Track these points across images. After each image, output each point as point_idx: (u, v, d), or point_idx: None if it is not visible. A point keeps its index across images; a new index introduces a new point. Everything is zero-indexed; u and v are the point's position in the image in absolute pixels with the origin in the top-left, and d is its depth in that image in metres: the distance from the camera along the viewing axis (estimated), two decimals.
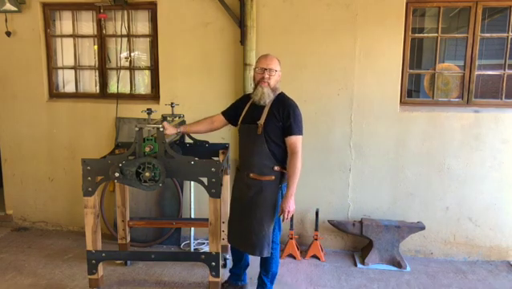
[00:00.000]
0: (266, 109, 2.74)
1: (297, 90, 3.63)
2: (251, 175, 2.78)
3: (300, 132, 2.71)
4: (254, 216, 2.76)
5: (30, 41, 4.08)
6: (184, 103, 3.83)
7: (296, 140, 2.69)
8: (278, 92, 2.80)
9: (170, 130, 2.88)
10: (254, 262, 3.66)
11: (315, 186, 3.87)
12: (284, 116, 2.70)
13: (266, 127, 2.71)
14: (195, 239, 3.94)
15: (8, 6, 3.92)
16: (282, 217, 2.75)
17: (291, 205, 2.70)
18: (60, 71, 4.30)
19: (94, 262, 2.97)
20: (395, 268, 3.62)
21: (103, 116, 4.09)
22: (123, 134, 4.03)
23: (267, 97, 2.73)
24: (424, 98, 4.16)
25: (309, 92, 3.76)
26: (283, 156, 2.77)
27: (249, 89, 3.73)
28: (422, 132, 3.74)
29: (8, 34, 4.02)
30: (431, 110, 3.75)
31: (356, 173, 3.84)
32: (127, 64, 4.16)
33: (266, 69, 2.73)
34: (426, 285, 3.39)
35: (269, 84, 2.74)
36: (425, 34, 4.71)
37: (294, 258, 3.77)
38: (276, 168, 2.75)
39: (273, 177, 2.75)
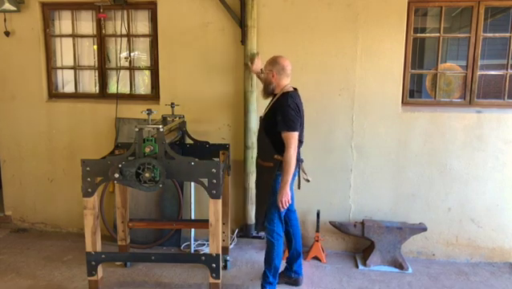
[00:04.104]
0: (269, 105, 3.02)
1: (298, 90, 3.62)
2: (258, 160, 3.13)
3: (289, 129, 2.84)
4: (257, 196, 3.24)
5: (30, 41, 4.05)
6: (185, 103, 3.80)
7: (286, 136, 2.85)
8: (280, 90, 2.99)
9: (258, 65, 3.43)
10: (256, 263, 3.65)
11: (316, 187, 3.83)
12: (277, 112, 2.89)
13: (266, 120, 3.00)
14: (195, 240, 3.91)
15: (7, 6, 3.89)
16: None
17: (284, 195, 2.88)
18: (59, 71, 4.28)
19: (93, 263, 2.95)
20: (396, 270, 3.60)
21: (102, 116, 4.06)
22: (123, 134, 4.01)
23: (262, 91, 3.12)
24: (426, 98, 4.12)
25: (310, 92, 3.73)
26: (283, 147, 2.89)
27: (250, 89, 3.74)
28: (424, 133, 3.71)
29: (7, 34, 3.99)
30: (433, 110, 3.72)
31: (358, 174, 3.82)
32: (126, 64, 4.14)
33: None
34: (428, 286, 3.37)
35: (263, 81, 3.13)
36: (427, 34, 4.70)
37: None
38: (276, 156, 2.93)
39: (271, 164, 2.96)
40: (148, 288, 3.25)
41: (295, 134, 2.86)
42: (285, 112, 2.85)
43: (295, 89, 3.04)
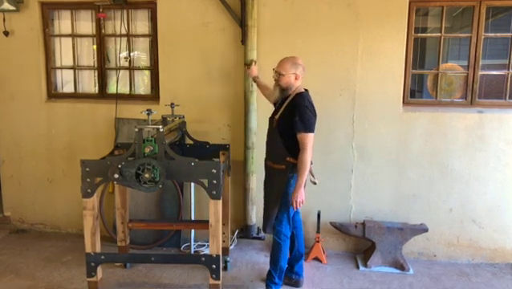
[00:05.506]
0: (284, 106, 2.96)
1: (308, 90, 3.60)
2: (268, 162, 3.10)
3: (306, 130, 2.83)
4: (265, 198, 3.17)
5: (29, 41, 4.03)
6: (185, 103, 3.78)
7: (302, 137, 2.84)
8: (293, 91, 2.96)
9: (255, 71, 3.45)
10: (256, 264, 3.63)
11: (317, 187, 3.78)
12: (293, 113, 2.87)
13: (281, 122, 2.95)
14: (195, 241, 3.90)
15: (6, 6, 3.88)
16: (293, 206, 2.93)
17: (299, 196, 2.88)
18: (59, 71, 4.26)
19: (93, 264, 2.93)
20: (397, 271, 3.58)
21: (102, 116, 4.04)
22: (122, 135, 3.99)
23: (277, 95, 3.03)
24: (427, 98, 4.11)
25: (310, 92, 3.70)
26: (297, 149, 2.88)
27: (250, 89, 3.72)
28: (425, 133, 3.69)
29: (6, 33, 3.98)
30: (434, 110, 3.71)
31: (358, 174, 3.80)
32: (126, 64, 4.12)
33: (276, 71, 2.99)
34: (429, 287, 3.35)
35: (279, 85, 2.99)
36: (428, 34, 4.67)
37: None
38: (288, 158, 2.91)
39: (283, 167, 2.94)
40: None
41: (312, 135, 2.86)
42: (302, 113, 2.85)
43: (306, 90, 3.03)
